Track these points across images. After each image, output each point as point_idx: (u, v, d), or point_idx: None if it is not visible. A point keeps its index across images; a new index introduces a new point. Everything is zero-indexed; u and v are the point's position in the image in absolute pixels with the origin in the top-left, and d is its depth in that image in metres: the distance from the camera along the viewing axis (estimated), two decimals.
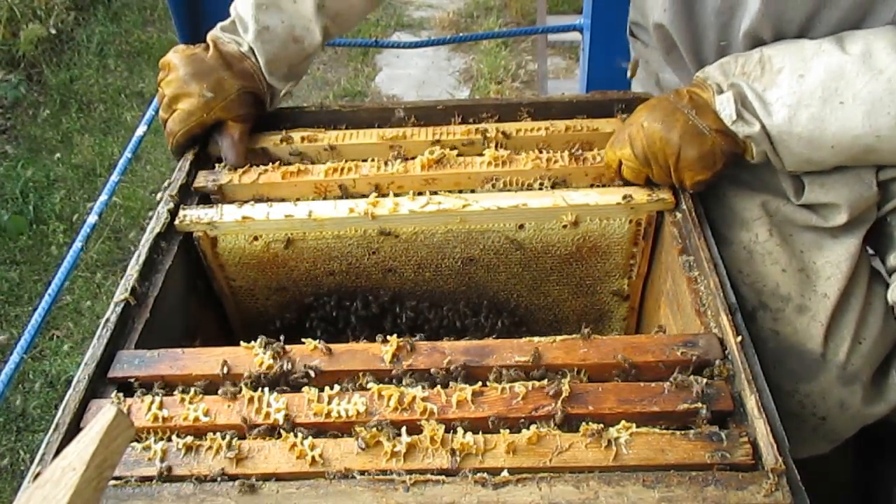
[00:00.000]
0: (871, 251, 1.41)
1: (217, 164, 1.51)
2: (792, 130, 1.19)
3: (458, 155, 1.48)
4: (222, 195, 1.47)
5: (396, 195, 1.43)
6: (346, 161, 1.49)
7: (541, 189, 1.43)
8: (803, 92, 1.17)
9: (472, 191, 1.45)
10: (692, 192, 1.33)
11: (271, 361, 1.15)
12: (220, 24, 1.52)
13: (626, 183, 1.39)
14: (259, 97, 1.51)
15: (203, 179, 1.47)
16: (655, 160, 1.29)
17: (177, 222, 1.41)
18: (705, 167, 1.26)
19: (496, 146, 1.50)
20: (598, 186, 1.43)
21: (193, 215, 1.41)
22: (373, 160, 1.49)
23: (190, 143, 1.52)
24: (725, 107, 1.23)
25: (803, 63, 1.18)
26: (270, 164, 1.49)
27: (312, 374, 1.13)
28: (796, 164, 1.24)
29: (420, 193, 1.42)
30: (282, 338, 1.19)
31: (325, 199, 1.45)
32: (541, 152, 1.47)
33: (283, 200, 1.45)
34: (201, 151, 1.53)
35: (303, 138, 1.55)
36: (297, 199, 1.44)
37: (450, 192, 1.44)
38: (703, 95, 1.27)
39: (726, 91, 1.24)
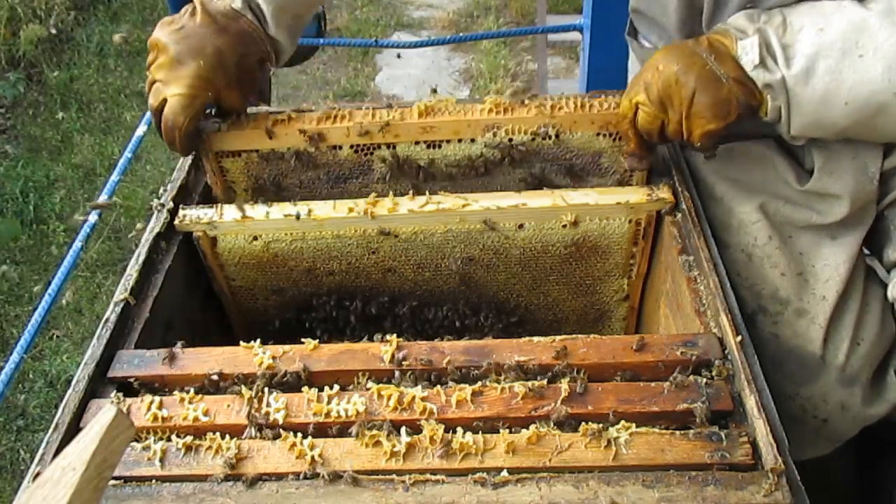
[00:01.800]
0: (866, 251, 1.41)
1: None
2: (808, 82, 1.15)
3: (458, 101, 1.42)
4: (209, 144, 1.41)
5: (394, 146, 1.39)
6: (339, 109, 1.42)
7: (545, 139, 1.37)
8: (822, 43, 1.14)
9: (471, 147, 1.40)
10: (699, 146, 1.25)
11: (271, 361, 1.15)
12: None
13: (639, 136, 1.31)
14: (263, 60, 1.39)
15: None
16: (671, 103, 1.23)
17: (176, 222, 1.41)
18: (717, 116, 1.20)
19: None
20: (604, 135, 1.38)
21: (193, 215, 1.41)
22: (367, 108, 1.42)
23: (196, 136, 1.37)
24: (749, 51, 1.18)
25: (823, 18, 1.16)
26: (258, 112, 1.43)
27: (311, 373, 1.14)
28: (804, 126, 1.20)
29: (420, 193, 1.42)
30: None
31: (316, 149, 1.41)
32: (544, 100, 1.40)
33: (273, 151, 1.41)
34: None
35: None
36: (289, 148, 1.41)
37: (448, 140, 1.40)
38: (724, 42, 1.21)
39: (751, 35, 1.19)
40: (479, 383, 1.10)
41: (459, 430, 1.03)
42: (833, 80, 1.14)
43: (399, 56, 5.10)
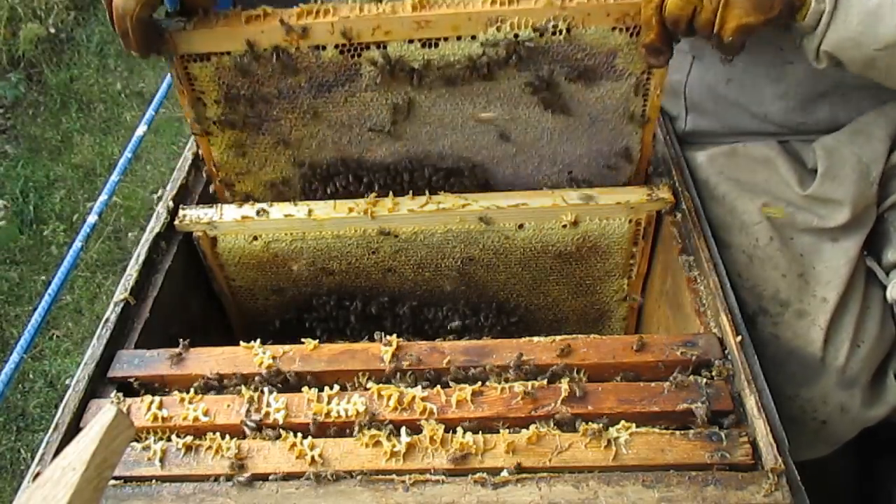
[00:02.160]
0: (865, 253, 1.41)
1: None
2: None
3: None
4: (173, 46, 1.25)
5: (384, 45, 1.24)
6: (322, 4, 1.25)
7: (555, 34, 1.23)
8: None
9: (472, 45, 1.24)
10: (728, 41, 1.10)
11: (271, 361, 1.15)
12: None
13: (662, 26, 1.14)
14: None
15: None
16: None
17: (176, 222, 1.41)
18: (758, 8, 1.07)
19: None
20: (621, 29, 1.22)
21: (193, 215, 1.41)
22: (353, 1, 1.26)
23: (154, 31, 1.21)
24: None
25: None
26: (231, 8, 1.28)
27: (311, 373, 1.14)
28: (839, 41, 1.09)
29: (419, 193, 1.42)
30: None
31: (297, 49, 1.25)
32: None
33: (247, 52, 1.25)
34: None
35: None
36: (265, 49, 1.25)
37: (446, 38, 1.24)
38: None
39: None
40: (479, 383, 1.10)
41: (459, 430, 1.04)
42: None
43: None
